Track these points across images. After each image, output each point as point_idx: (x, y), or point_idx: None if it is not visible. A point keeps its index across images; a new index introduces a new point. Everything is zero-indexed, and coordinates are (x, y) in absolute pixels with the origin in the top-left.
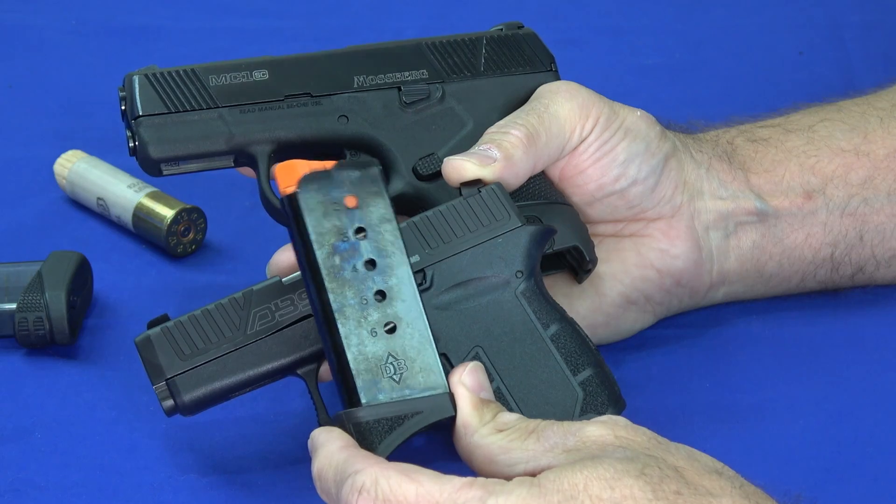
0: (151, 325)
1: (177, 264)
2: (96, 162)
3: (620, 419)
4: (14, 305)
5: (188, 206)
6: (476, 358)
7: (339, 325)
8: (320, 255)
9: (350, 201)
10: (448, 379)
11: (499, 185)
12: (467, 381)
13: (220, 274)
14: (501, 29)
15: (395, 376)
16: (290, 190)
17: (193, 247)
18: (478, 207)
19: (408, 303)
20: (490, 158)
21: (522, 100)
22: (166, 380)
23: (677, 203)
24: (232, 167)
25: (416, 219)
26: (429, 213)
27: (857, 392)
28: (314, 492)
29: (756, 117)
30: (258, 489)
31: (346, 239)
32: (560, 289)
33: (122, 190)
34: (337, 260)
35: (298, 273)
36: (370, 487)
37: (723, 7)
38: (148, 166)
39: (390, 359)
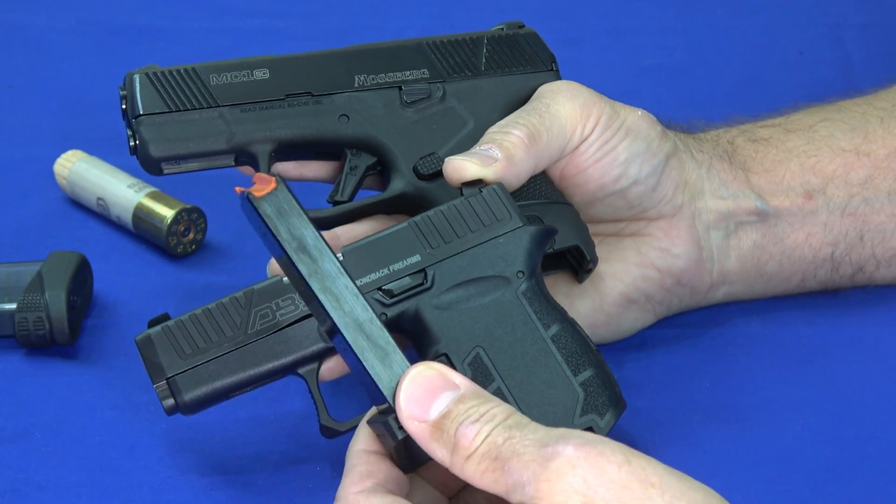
0: (152, 323)
1: (177, 264)
2: (96, 162)
3: (585, 464)
4: (14, 305)
5: (188, 206)
6: (477, 358)
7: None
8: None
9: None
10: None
11: (500, 184)
12: (409, 412)
13: (220, 274)
14: (502, 28)
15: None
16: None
17: (193, 247)
18: (479, 207)
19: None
20: (491, 158)
21: (523, 99)
22: (167, 379)
23: (678, 203)
24: (233, 166)
25: (417, 218)
26: (430, 212)
27: (857, 392)
28: (314, 492)
29: (756, 117)
30: (258, 489)
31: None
32: (560, 288)
33: (122, 190)
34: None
35: None
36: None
37: (723, 7)
38: (148, 165)
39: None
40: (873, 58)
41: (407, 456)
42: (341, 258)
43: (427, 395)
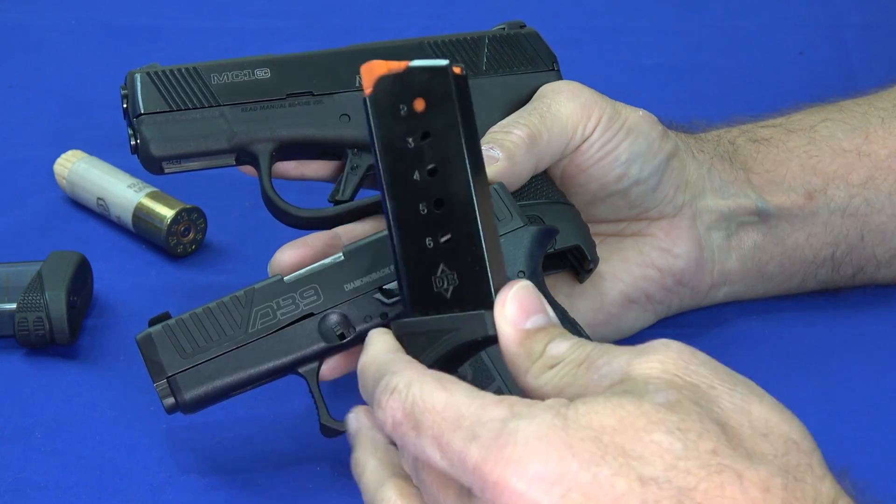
0: (153, 322)
1: (177, 264)
2: (96, 162)
3: (678, 347)
4: (14, 305)
5: (188, 206)
6: (477, 358)
7: (400, 233)
8: (386, 160)
9: (419, 104)
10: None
11: (501, 184)
12: (510, 313)
13: (220, 274)
14: (503, 28)
15: (445, 290)
16: (367, 93)
17: (193, 247)
18: None
19: (464, 215)
20: (492, 158)
21: (524, 99)
22: (167, 377)
23: (679, 203)
24: (234, 165)
25: None
26: None
27: (857, 392)
28: (314, 492)
29: (757, 117)
30: (258, 489)
31: (409, 144)
32: (561, 288)
33: (122, 190)
34: (402, 166)
35: (300, 272)
36: (402, 389)
37: (723, 7)
38: (149, 164)
39: (442, 270)
40: (873, 58)
41: (450, 359)
42: (342, 258)
43: (530, 307)
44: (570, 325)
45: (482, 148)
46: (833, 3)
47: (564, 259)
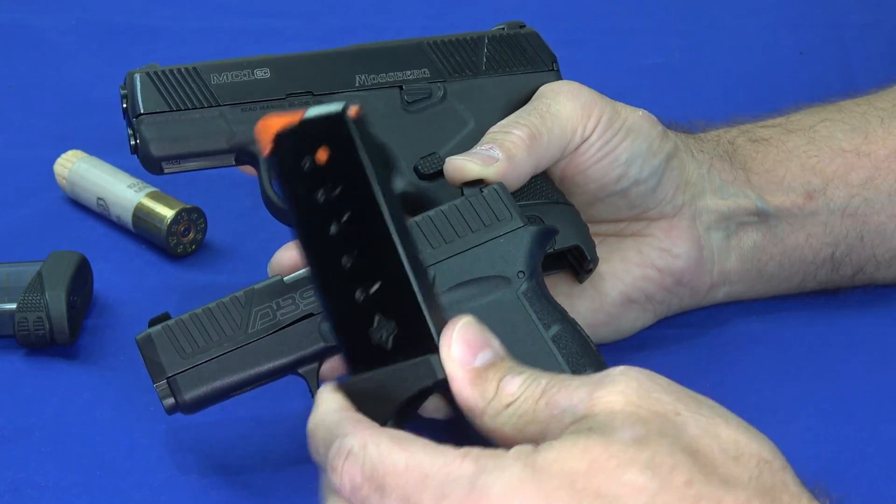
0: (153, 323)
1: (177, 264)
2: (96, 162)
3: (637, 374)
4: (14, 305)
5: (188, 206)
6: None
7: (327, 292)
8: (300, 219)
9: (321, 155)
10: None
11: (501, 184)
12: (456, 354)
13: (220, 274)
14: (503, 28)
15: (385, 341)
16: (266, 152)
17: (193, 247)
18: (480, 207)
19: (389, 258)
20: (492, 158)
21: (524, 99)
22: (167, 378)
23: (679, 203)
24: (233, 165)
25: (417, 218)
26: (431, 212)
27: (857, 392)
28: (314, 492)
29: (757, 117)
30: (258, 489)
31: (319, 198)
32: (561, 288)
33: (122, 190)
34: (316, 222)
35: (300, 272)
36: (358, 452)
37: (723, 7)
38: (149, 164)
39: (378, 322)
40: (873, 58)
41: (406, 408)
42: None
43: (476, 344)
44: (571, 326)
45: (483, 148)
46: (833, 3)
47: (564, 259)
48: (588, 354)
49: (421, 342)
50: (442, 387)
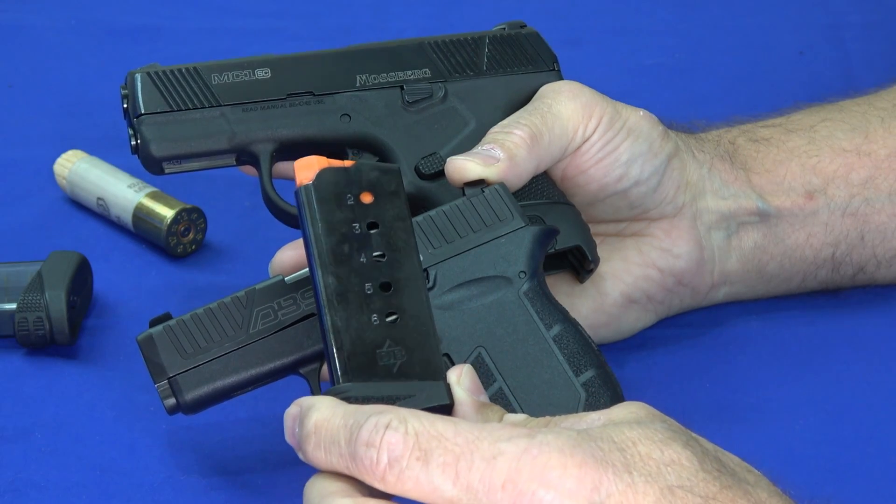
0: (154, 323)
1: (177, 264)
2: (96, 162)
3: (642, 404)
4: (14, 305)
5: (188, 206)
6: (478, 358)
7: (341, 309)
8: (329, 241)
9: (365, 197)
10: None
11: (502, 185)
12: (466, 385)
13: (220, 274)
14: (504, 28)
15: (391, 363)
16: (308, 181)
17: (193, 247)
18: (481, 207)
19: (414, 297)
20: (493, 158)
21: (525, 99)
22: (168, 378)
23: (679, 203)
24: (234, 166)
25: (419, 218)
26: (432, 212)
27: (857, 392)
28: None
29: (757, 117)
30: (258, 490)
31: (357, 230)
32: (562, 288)
33: (122, 190)
34: (346, 248)
35: (301, 272)
36: (398, 425)
37: (723, 7)
38: (150, 164)
39: (389, 345)
40: (873, 58)
41: None
42: None
43: (479, 386)
44: (572, 326)
45: (484, 148)
46: (833, 3)
47: (565, 259)
48: (589, 354)
49: (427, 373)
50: (444, 411)
